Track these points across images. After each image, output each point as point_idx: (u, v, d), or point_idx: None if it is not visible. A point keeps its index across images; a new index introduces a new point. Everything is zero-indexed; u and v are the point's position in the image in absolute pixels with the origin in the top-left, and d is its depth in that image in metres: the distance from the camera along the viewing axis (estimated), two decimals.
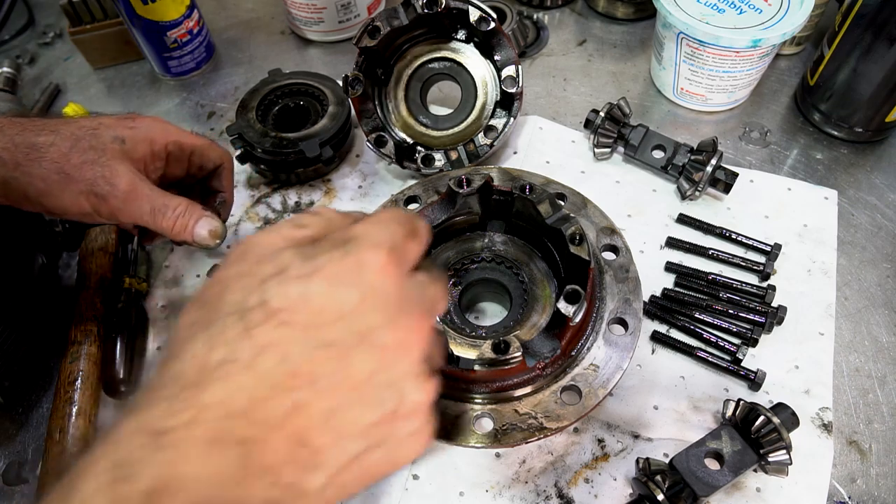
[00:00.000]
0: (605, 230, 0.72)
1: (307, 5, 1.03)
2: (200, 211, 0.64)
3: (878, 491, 0.64)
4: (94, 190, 0.59)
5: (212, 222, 0.64)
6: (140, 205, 0.61)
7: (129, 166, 0.60)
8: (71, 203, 0.59)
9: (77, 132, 0.60)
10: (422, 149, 0.86)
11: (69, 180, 0.58)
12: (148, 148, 0.63)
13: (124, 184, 0.59)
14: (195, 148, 0.68)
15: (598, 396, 0.61)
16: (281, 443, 0.34)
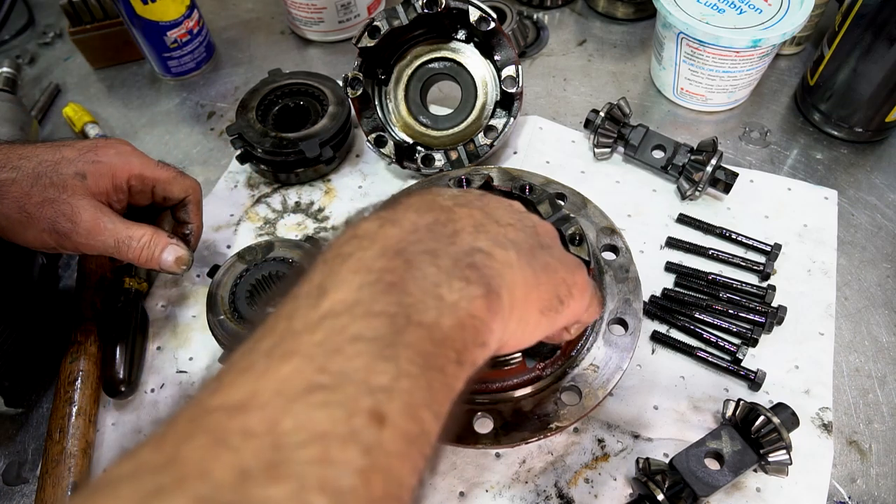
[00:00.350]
0: (605, 230, 0.72)
1: (307, 5, 1.03)
2: (166, 239, 0.65)
3: (878, 491, 0.64)
4: (56, 228, 0.60)
5: (177, 250, 0.66)
6: (104, 239, 0.62)
7: (90, 201, 0.61)
8: (34, 239, 0.61)
9: (38, 168, 0.60)
10: (422, 149, 0.86)
11: (31, 219, 0.59)
12: (109, 182, 0.64)
13: (86, 220, 0.60)
14: (157, 182, 0.68)
15: (598, 397, 0.61)
16: (466, 217, 0.40)
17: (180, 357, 0.75)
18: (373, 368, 0.30)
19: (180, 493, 0.24)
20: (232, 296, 0.72)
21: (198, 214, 0.74)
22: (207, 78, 1.08)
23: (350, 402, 0.28)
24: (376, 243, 0.36)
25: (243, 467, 0.25)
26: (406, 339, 0.32)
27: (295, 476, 0.25)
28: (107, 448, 0.70)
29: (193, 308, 0.79)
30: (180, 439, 0.27)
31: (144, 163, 0.67)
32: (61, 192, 0.60)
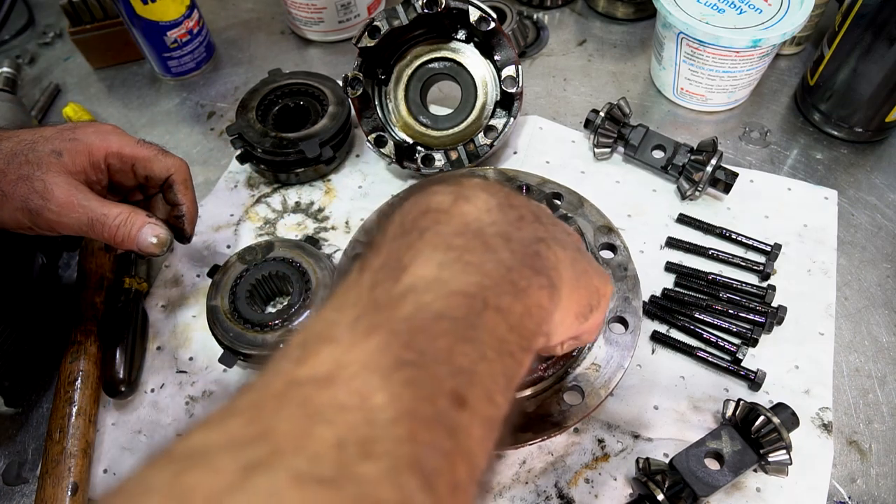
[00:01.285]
0: (603, 229, 0.72)
1: (307, 5, 1.03)
2: (143, 218, 0.62)
3: (878, 491, 0.64)
4: (28, 206, 0.58)
5: (155, 229, 0.62)
6: (77, 217, 0.59)
7: (65, 178, 0.59)
8: (9, 219, 0.59)
9: (16, 147, 0.60)
10: (422, 149, 0.86)
11: (5, 197, 0.58)
12: (86, 160, 0.62)
13: (59, 197, 0.58)
14: (136, 160, 0.65)
15: (599, 396, 0.61)
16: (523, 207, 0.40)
17: (180, 357, 0.75)
18: (455, 350, 0.30)
19: (280, 467, 0.23)
20: (232, 296, 0.72)
21: (187, 194, 0.69)
22: (207, 78, 1.08)
23: (435, 383, 0.28)
24: (454, 219, 0.36)
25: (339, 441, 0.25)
26: (484, 321, 0.32)
27: (388, 454, 0.25)
28: (107, 448, 0.70)
29: (193, 308, 0.79)
30: (272, 411, 0.26)
31: (124, 141, 0.65)
32: (35, 170, 0.59)
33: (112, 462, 0.69)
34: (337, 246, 0.84)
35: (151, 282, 0.82)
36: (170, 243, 0.64)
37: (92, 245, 0.79)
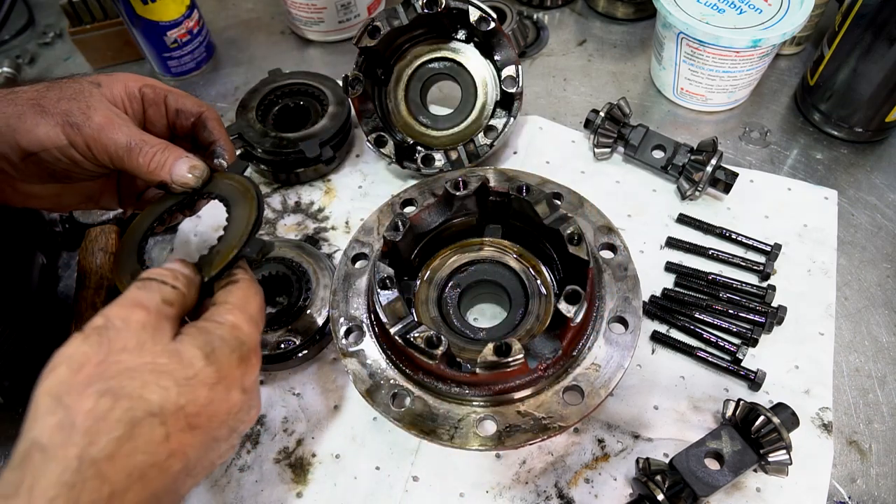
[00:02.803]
0: (603, 229, 0.72)
1: (307, 5, 1.03)
2: (180, 150, 0.60)
3: (878, 491, 0.64)
4: (69, 119, 0.57)
5: (192, 160, 0.60)
6: (116, 137, 0.57)
7: (105, 103, 0.59)
8: (45, 135, 0.57)
9: (54, 81, 0.60)
10: (422, 149, 0.86)
11: (44, 112, 0.57)
12: (122, 89, 0.61)
13: (100, 114, 0.58)
14: (169, 91, 0.65)
15: (600, 396, 0.61)
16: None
17: None
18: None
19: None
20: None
21: (221, 131, 0.67)
22: (207, 78, 1.08)
23: None
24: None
25: None
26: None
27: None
28: None
29: None
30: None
31: (157, 81, 0.65)
32: (78, 94, 0.59)
33: None
34: (337, 246, 0.84)
35: None
36: (207, 174, 0.61)
37: (92, 245, 0.79)
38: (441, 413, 0.61)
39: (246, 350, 0.49)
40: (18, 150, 0.57)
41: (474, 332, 0.68)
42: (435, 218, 0.71)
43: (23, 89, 0.59)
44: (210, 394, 0.45)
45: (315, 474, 0.67)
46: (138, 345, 0.44)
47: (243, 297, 0.52)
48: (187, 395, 0.44)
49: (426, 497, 0.65)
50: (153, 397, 0.42)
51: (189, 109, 0.65)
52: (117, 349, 0.43)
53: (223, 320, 0.49)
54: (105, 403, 0.40)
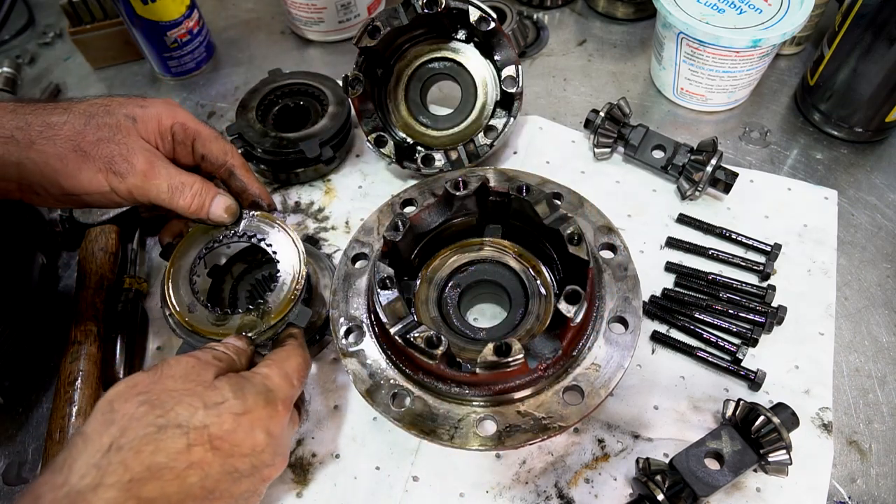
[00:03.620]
0: (603, 229, 0.72)
1: (307, 5, 1.03)
2: (216, 189, 0.65)
3: (878, 491, 0.64)
4: (113, 168, 0.59)
5: (226, 200, 0.66)
6: (158, 183, 0.61)
7: (143, 144, 0.61)
8: (88, 181, 0.59)
9: (90, 109, 0.60)
10: (422, 149, 0.86)
11: (86, 158, 0.58)
12: (156, 126, 0.63)
13: (142, 162, 0.60)
14: (198, 134, 0.67)
15: (600, 396, 0.61)
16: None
17: None
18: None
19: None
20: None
21: (250, 176, 0.71)
22: (207, 78, 1.08)
23: None
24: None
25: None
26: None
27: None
28: None
29: None
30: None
31: (189, 116, 0.67)
32: (115, 133, 0.59)
33: None
34: (337, 246, 0.84)
35: (151, 282, 0.82)
36: (238, 213, 0.67)
37: (92, 245, 0.79)
38: (441, 413, 0.61)
39: (272, 396, 0.54)
40: (59, 189, 0.59)
41: (474, 332, 0.68)
42: (435, 218, 0.71)
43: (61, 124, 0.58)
44: (234, 423, 0.51)
45: (315, 474, 0.67)
46: (183, 376, 0.52)
47: (284, 356, 0.59)
48: (213, 418, 0.50)
49: (426, 497, 0.65)
50: (182, 412, 0.49)
51: (215, 158, 0.68)
52: (166, 377, 0.51)
53: (258, 371, 0.57)
54: (143, 409, 0.48)
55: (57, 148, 0.57)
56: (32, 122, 0.58)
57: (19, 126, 0.57)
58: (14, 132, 0.57)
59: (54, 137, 0.57)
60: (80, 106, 0.60)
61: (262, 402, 0.53)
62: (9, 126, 0.57)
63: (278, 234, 0.69)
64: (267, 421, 0.53)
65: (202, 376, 0.52)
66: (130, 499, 0.44)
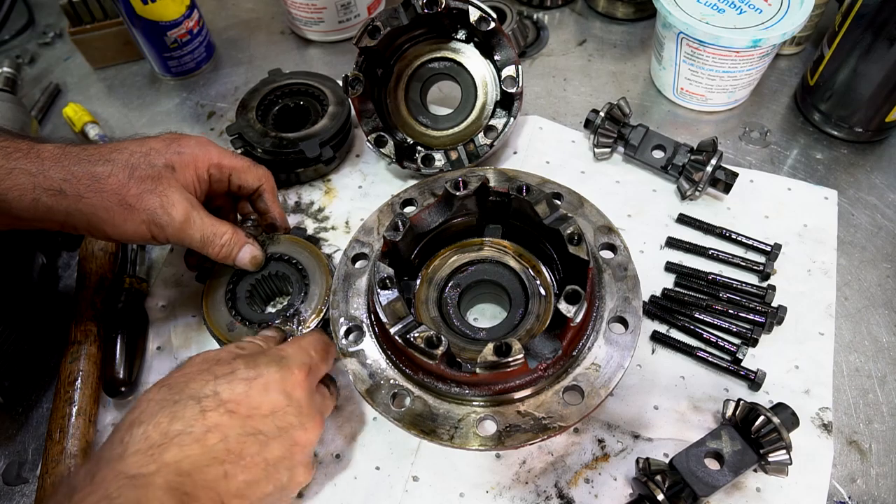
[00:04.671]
0: (603, 229, 0.72)
1: (307, 5, 1.03)
2: (244, 239, 0.71)
3: (878, 491, 0.64)
4: (155, 220, 0.63)
5: (253, 251, 0.71)
6: (192, 233, 0.65)
7: (182, 194, 0.65)
8: (133, 232, 0.63)
9: (131, 160, 0.63)
10: (422, 149, 0.86)
11: (131, 210, 0.62)
12: (193, 173, 0.68)
13: (180, 214, 0.64)
14: (234, 170, 0.72)
15: (600, 396, 0.61)
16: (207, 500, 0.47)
17: (180, 357, 0.75)
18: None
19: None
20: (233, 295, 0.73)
21: (275, 202, 0.78)
22: (207, 78, 1.08)
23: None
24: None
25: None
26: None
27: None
28: None
29: (193, 308, 0.79)
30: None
31: (222, 152, 0.71)
32: (157, 184, 0.63)
33: None
34: (337, 246, 0.84)
35: (151, 282, 0.82)
36: (262, 263, 0.73)
37: (92, 245, 0.79)
38: (441, 413, 0.61)
39: (286, 363, 0.57)
40: (103, 235, 0.64)
41: (474, 332, 0.68)
42: (435, 218, 0.71)
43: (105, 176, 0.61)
44: (246, 386, 0.53)
45: (315, 474, 0.67)
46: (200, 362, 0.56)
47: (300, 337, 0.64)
48: (223, 385, 0.53)
49: (426, 497, 0.65)
50: (193, 386, 0.52)
51: (249, 185, 0.75)
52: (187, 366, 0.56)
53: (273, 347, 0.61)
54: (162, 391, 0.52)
55: (104, 201, 0.61)
56: (79, 174, 0.61)
57: (66, 178, 0.60)
58: (62, 185, 0.60)
59: (101, 191, 0.61)
60: (122, 156, 0.63)
61: (274, 367, 0.55)
62: (56, 179, 0.60)
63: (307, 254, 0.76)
64: (281, 382, 0.55)
65: (220, 360, 0.56)
66: (152, 462, 0.47)
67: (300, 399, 0.56)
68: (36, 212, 0.60)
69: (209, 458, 0.49)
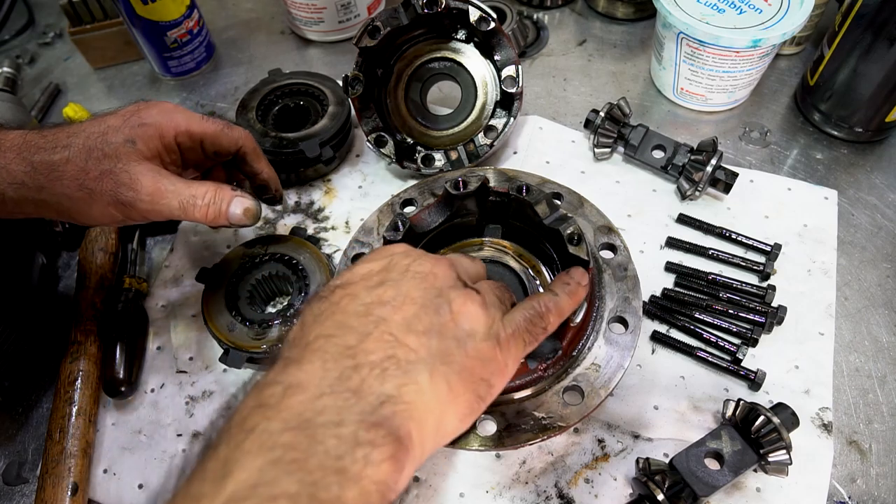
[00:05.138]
0: (603, 229, 0.72)
1: (307, 5, 1.03)
2: (230, 192, 0.63)
3: (878, 491, 0.64)
4: (119, 199, 0.59)
5: (244, 201, 0.64)
6: (167, 202, 0.60)
7: (146, 165, 0.60)
8: (100, 215, 0.60)
9: (87, 142, 0.59)
10: (422, 149, 0.86)
11: (93, 195, 0.58)
12: (159, 143, 0.62)
13: (147, 185, 0.59)
14: (205, 136, 0.66)
15: (600, 396, 0.61)
16: (374, 344, 0.42)
17: (180, 357, 0.75)
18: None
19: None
20: (233, 295, 0.73)
21: (261, 162, 0.71)
22: (207, 78, 1.08)
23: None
24: (280, 413, 0.37)
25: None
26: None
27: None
28: (107, 448, 0.70)
29: (193, 308, 0.79)
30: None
31: (190, 118, 0.65)
32: (116, 162, 0.59)
33: (112, 462, 0.69)
34: (337, 246, 0.84)
35: (151, 282, 0.82)
36: (259, 214, 0.65)
37: (92, 245, 0.79)
38: None
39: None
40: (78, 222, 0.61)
41: None
42: (435, 218, 0.71)
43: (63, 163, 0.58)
44: (358, 268, 0.49)
45: None
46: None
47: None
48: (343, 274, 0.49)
49: (426, 497, 0.65)
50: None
51: (226, 150, 0.68)
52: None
53: None
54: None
55: (65, 189, 0.58)
56: (38, 165, 0.58)
57: (26, 171, 0.58)
58: (24, 178, 0.57)
59: (60, 179, 0.58)
60: (79, 140, 0.59)
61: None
62: (18, 172, 0.57)
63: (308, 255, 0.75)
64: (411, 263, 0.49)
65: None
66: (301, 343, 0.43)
67: (401, 248, 0.51)
68: (4, 205, 0.58)
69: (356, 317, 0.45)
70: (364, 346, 0.42)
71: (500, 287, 0.53)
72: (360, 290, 0.46)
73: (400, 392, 0.40)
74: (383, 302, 0.45)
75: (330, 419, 0.37)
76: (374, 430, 0.37)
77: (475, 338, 0.45)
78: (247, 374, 0.74)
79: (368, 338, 0.42)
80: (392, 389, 0.40)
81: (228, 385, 0.73)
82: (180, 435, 0.70)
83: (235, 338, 0.69)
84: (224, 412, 0.71)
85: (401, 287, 0.46)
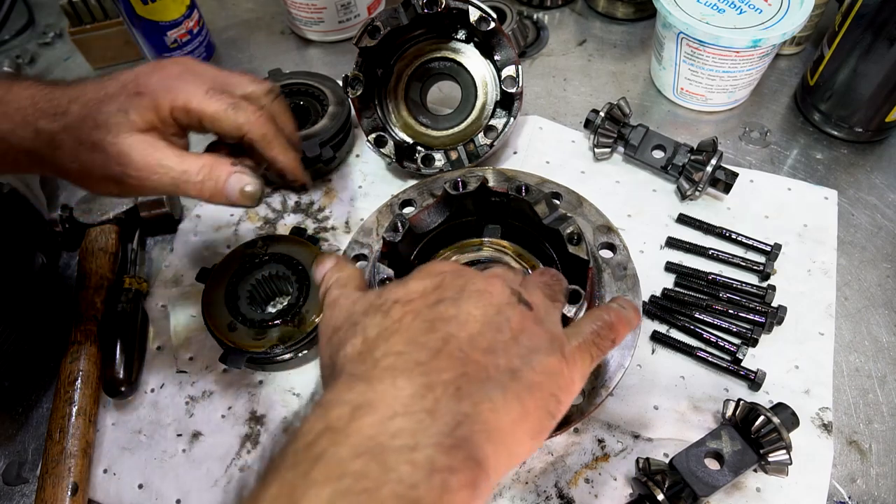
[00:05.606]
0: (602, 228, 0.72)
1: (307, 5, 1.03)
2: (229, 167, 0.56)
3: (878, 491, 0.64)
4: (110, 175, 0.55)
5: (242, 178, 0.57)
6: (159, 179, 0.55)
7: (139, 138, 0.55)
8: (100, 188, 0.57)
9: (83, 111, 0.55)
10: (422, 149, 0.86)
11: (87, 167, 0.55)
12: (154, 115, 0.56)
13: (136, 160, 0.54)
14: (203, 116, 0.57)
15: (600, 396, 0.61)
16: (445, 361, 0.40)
17: (180, 357, 0.75)
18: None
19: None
20: (233, 295, 0.73)
21: (273, 150, 0.60)
22: None
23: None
24: (349, 438, 0.35)
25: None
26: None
27: None
28: (107, 448, 0.70)
29: (193, 308, 0.79)
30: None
31: (191, 93, 0.57)
32: (106, 134, 0.54)
33: (112, 462, 0.69)
34: (337, 246, 0.84)
35: (151, 282, 0.82)
36: (259, 193, 0.58)
37: (92, 245, 0.79)
38: None
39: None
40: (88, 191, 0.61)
41: None
42: (434, 218, 0.71)
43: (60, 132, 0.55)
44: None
45: None
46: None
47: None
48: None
49: None
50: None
51: (228, 134, 0.59)
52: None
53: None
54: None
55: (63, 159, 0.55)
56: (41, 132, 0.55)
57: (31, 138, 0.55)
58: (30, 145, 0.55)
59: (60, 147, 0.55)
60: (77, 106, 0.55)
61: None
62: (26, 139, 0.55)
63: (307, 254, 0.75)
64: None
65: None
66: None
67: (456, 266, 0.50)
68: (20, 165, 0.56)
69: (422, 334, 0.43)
70: (435, 363, 0.40)
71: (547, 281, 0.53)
72: (420, 306, 0.44)
73: (476, 410, 0.38)
74: (446, 319, 0.43)
75: (404, 443, 0.35)
76: (452, 454, 0.35)
77: (539, 353, 0.43)
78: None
79: (439, 354, 0.40)
80: (468, 408, 0.38)
81: (228, 385, 0.73)
82: (180, 435, 0.70)
83: (235, 338, 0.69)
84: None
85: (461, 305, 0.44)
